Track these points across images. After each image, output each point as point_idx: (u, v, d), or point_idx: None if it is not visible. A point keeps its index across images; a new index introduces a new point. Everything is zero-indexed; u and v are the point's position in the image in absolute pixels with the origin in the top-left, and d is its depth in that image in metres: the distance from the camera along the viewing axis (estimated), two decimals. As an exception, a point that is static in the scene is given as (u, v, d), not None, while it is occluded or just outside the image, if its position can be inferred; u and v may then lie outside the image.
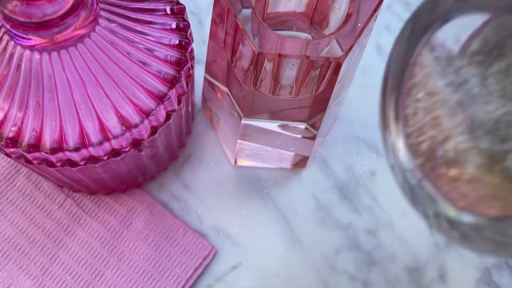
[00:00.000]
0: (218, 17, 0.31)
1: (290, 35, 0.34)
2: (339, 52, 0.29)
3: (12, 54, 0.27)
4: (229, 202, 0.41)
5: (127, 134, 0.29)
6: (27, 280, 0.37)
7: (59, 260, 0.38)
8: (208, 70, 0.37)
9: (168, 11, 0.31)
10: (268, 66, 0.28)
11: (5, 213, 0.39)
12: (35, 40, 0.26)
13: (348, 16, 0.29)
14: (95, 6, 0.27)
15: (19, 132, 0.28)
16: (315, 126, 0.35)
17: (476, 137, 0.24)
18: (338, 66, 0.29)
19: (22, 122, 0.28)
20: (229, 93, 0.35)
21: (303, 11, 0.34)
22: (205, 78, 0.39)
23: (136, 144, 0.31)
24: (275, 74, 0.29)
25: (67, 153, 0.29)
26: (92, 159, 0.30)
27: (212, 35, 0.34)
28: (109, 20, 0.28)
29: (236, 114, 0.35)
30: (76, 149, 0.29)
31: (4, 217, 0.38)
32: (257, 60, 0.28)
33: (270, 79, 0.30)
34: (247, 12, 0.29)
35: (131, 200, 0.39)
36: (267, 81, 0.30)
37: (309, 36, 0.34)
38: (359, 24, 0.29)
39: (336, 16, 0.31)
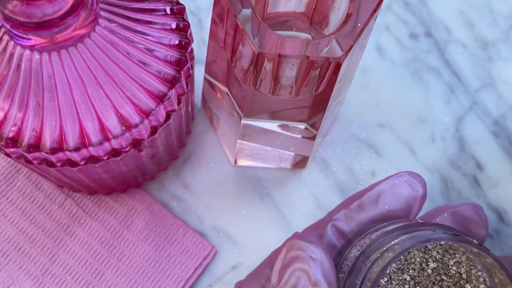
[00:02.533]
0: (218, 17, 0.31)
1: (290, 35, 0.34)
2: (339, 52, 0.29)
3: (12, 54, 0.27)
4: (229, 202, 0.41)
5: (127, 134, 0.29)
6: (27, 280, 0.37)
7: (59, 260, 0.38)
8: (208, 70, 0.37)
9: (168, 11, 0.30)
10: (268, 66, 0.28)
11: (5, 213, 0.39)
12: (35, 40, 0.26)
13: (348, 16, 0.29)
14: (95, 6, 0.27)
15: (19, 132, 0.28)
16: (315, 126, 0.35)
17: None
18: (338, 66, 0.29)
19: (22, 122, 0.28)
20: (229, 93, 0.35)
21: (303, 11, 0.34)
22: (205, 78, 0.39)
23: (136, 144, 0.31)
24: (275, 74, 0.29)
25: (67, 153, 0.29)
26: (92, 159, 0.30)
27: (212, 35, 0.34)
28: (109, 20, 0.28)
29: (236, 114, 0.35)
30: (76, 149, 0.29)
31: (4, 217, 0.38)
32: (257, 60, 0.28)
33: (270, 79, 0.30)
34: (247, 12, 0.29)
35: (131, 200, 0.39)
36: (267, 81, 0.30)
37: (309, 36, 0.34)
38: (359, 24, 0.29)
39: (336, 16, 0.31)
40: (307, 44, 0.28)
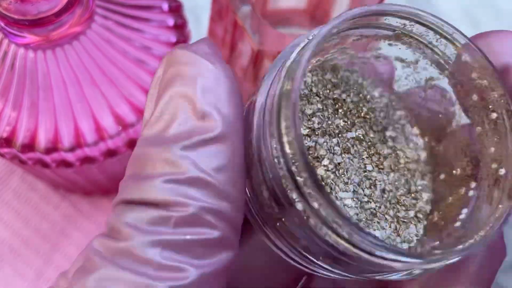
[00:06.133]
0: (217, 15, 0.31)
1: (291, 32, 0.34)
2: None
3: (6, 53, 0.27)
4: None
5: (123, 133, 0.29)
6: (22, 283, 0.37)
7: (54, 263, 0.37)
8: None
9: (165, 8, 0.30)
10: (268, 64, 0.28)
11: (-1, 215, 0.38)
12: (30, 38, 0.25)
13: None
14: (90, 3, 0.27)
15: (13, 132, 0.28)
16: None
17: None
18: None
19: (16, 122, 0.28)
20: None
21: (304, 7, 0.33)
22: None
23: (133, 144, 0.30)
24: None
25: (62, 153, 0.29)
26: (88, 160, 0.30)
27: (211, 33, 0.33)
28: (105, 18, 0.28)
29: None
30: (71, 149, 0.29)
31: (-2, 219, 0.38)
32: (256, 57, 0.28)
33: None
34: (246, 9, 0.28)
35: (129, 201, 0.39)
36: None
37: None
38: None
39: (338, 13, 0.31)
40: None
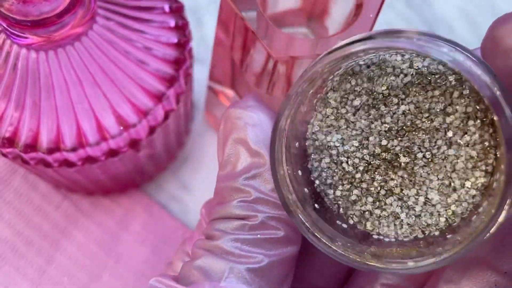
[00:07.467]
0: (223, 21, 0.30)
1: (288, 32, 0.34)
2: None
3: (8, 53, 0.27)
4: (229, 203, 0.40)
5: (125, 134, 0.29)
6: (24, 282, 0.37)
7: (56, 263, 0.37)
8: (212, 76, 0.36)
9: (167, 9, 0.30)
10: (281, 69, 0.27)
11: (1, 214, 0.38)
12: (32, 38, 0.26)
13: (358, 8, 0.27)
14: (92, 4, 0.27)
15: (15, 132, 0.28)
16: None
17: None
18: None
19: (18, 122, 0.28)
20: (236, 96, 0.34)
21: (301, 7, 0.33)
22: (209, 87, 0.38)
23: (134, 144, 0.30)
24: (288, 77, 0.28)
25: (64, 153, 0.29)
26: (89, 160, 0.30)
27: (217, 40, 0.32)
28: (107, 18, 0.28)
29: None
30: (73, 149, 0.29)
31: (0, 218, 0.38)
32: (274, 64, 0.27)
33: (284, 82, 0.29)
34: (250, 15, 0.28)
35: (129, 201, 0.39)
36: (280, 84, 0.29)
37: (307, 31, 0.34)
38: (371, 15, 0.27)
39: (338, 7, 0.30)
40: (317, 43, 0.27)
